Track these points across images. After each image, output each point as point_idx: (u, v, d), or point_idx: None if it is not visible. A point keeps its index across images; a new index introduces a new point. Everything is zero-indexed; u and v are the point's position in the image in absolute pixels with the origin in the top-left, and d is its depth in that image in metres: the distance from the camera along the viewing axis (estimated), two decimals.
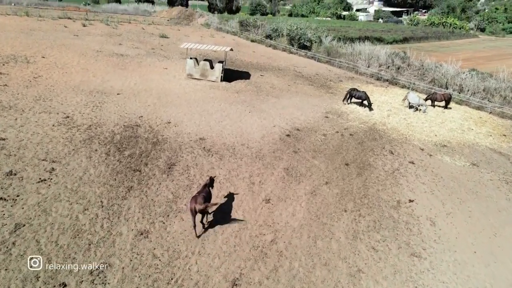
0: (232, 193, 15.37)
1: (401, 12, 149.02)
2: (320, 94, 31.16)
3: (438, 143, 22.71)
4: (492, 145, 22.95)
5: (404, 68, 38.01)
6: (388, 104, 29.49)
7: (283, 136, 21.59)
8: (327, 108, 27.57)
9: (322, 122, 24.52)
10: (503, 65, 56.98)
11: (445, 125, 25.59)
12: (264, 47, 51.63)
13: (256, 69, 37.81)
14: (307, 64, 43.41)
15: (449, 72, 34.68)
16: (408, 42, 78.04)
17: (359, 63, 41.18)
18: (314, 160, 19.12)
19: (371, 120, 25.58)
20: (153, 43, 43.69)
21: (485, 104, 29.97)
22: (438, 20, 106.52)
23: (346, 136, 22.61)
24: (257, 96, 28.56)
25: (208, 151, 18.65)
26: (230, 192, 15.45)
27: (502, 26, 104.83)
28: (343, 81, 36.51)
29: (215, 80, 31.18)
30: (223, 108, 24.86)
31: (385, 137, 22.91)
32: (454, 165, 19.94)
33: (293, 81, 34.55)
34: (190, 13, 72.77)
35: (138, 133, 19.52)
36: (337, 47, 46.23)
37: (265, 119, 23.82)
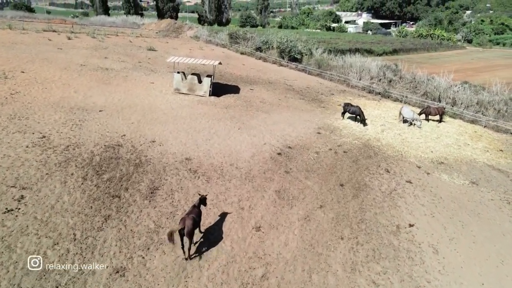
0: (219, 221, 14.20)
1: (389, 24, 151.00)
2: (311, 108, 30.30)
3: (435, 160, 21.89)
4: (490, 162, 22.21)
5: (396, 81, 37.52)
6: (382, 118, 28.73)
7: (274, 154, 20.54)
8: (319, 123, 26.67)
9: (314, 139, 23.56)
10: (492, 76, 57.31)
11: (440, 140, 24.85)
12: (254, 60, 50.94)
13: (246, 82, 36.92)
14: (297, 77, 42.72)
15: (441, 85, 34.23)
16: (397, 53, 78.39)
17: (351, 76, 40.62)
18: (307, 181, 18.07)
19: (365, 136, 24.72)
20: (140, 57, 42.62)
21: (479, 118, 29.42)
22: (426, 32, 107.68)
23: (340, 153, 21.65)
24: (247, 112, 27.56)
25: (194, 173, 17.48)
26: (217, 218, 14.27)
27: (489, 37, 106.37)
28: (334, 95, 35.80)
29: (203, 95, 30.15)
30: (211, 125, 23.76)
31: (380, 154, 22.01)
32: (453, 184, 19.07)
33: (284, 95, 33.70)
34: (179, 26, 72.08)
35: (119, 153, 18.28)
36: (328, 60, 45.74)
37: (255, 136, 22.78)
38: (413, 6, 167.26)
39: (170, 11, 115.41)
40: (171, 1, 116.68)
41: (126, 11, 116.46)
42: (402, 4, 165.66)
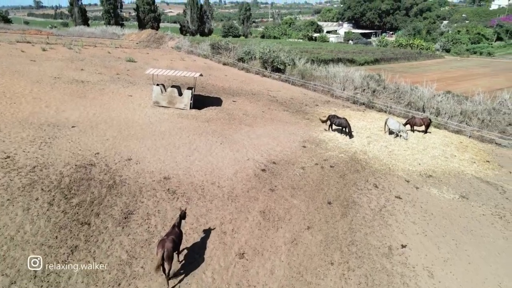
0: (199, 247, 13.05)
1: (370, 34, 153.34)
2: (296, 120, 29.55)
3: (423, 173, 21.32)
4: (478, 173, 21.79)
5: (379, 91, 37.29)
6: (367, 130, 28.19)
7: (258, 171, 19.56)
8: (304, 136, 25.89)
9: (299, 153, 22.72)
10: (472, 85, 58.10)
11: (427, 152, 24.38)
12: (236, 71, 50.17)
13: (228, 94, 36.00)
14: (281, 87, 42.09)
15: (425, 95, 34.13)
16: (379, 63, 79.08)
17: (334, 86, 40.24)
18: (293, 199, 17.12)
19: (351, 149, 24.03)
20: (119, 68, 41.24)
21: (464, 128, 29.25)
22: (406, 41, 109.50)
23: (327, 168, 20.84)
24: (229, 125, 26.57)
25: (173, 194, 16.31)
26: (198, 245, 13.13)
27: (466, 47, 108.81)
28: (319, 106, 35.23)
29: (184, 108, 29.05)
30: (192, 140, 22.65)
31: (367, 168, 21.31)
32: (443, 199, 18.45)
33: (267, 106, 32.89)
34: (160, 36, 70.93)
35: (91, 174, 16.96)
36: (311, 70, 45.37)
37: (238, 152, 21.77)
38: (392, 17, 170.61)
39: (151, 21, 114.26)
40: (152, 12, 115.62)
41: (106, 22, 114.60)
42: (382, 14, 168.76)
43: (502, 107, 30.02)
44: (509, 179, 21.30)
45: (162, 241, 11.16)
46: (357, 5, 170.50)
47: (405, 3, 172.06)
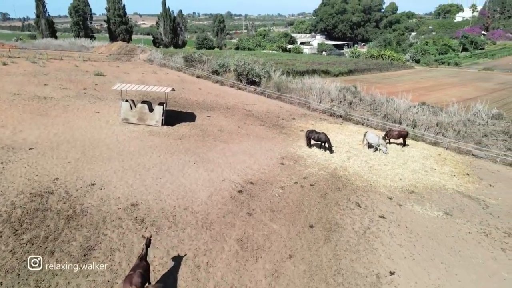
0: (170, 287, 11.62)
1: (342, 45, 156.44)
2: (273, 135, 28.57)
3: (405, 188, 20.68)
4: (459, 188, 21.38)
5: (356, 103, 37.02)
6: (346, 144, 27.54)
7: (234, 193, 18.30)
8: (282, 152, 24.90)
9: (278, 171, 21.64)
10: (443, 95, 59.46)
11: (407, 166, 23.89)
12: (211, 84, 48.97)
13: (202, 108, 34.70)
14: (256, 100, 41.18)
15: (400, 107, 34.07)
16: (353, 74, 79.93)
17: (311, 99, 39.71)
18: (273, 223, 15.94)
19: (331, 165, 23.19)
20: (86, 83, 39.19)
21: (441, 140, 29.15)
22: (377, 52, 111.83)
23: (307, 187, 19.83)
24: (203, 142, 25.24)
25: (141, 223, 14.80)
26: (168, 283, 11.68)
27: (434, 57, 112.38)
28: (296, 119, 34.47)
29: (155, 124, 27.52)
30: (163, 160, 21.16)
31: (348, 186, 20.46)
32: (427, 217, 17.77)
33: (243, 121, 31.79)
34: (132, 48, 68.95)
35: (48, 203, 15.21)
36: (286, 82, 44.79)
37: (213, 172, 20.46)
38: (363, 28, 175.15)
39: (123, 33, 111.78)
40: (124, 24, 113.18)
41: (75, 34, 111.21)
42: (353, 26, 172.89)
43: (477, 118, 30.22)
44: (490, 193, 20.99)
45: (129, 277, 9.95)
46: (329, 17, 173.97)
47: (375, 15, 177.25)
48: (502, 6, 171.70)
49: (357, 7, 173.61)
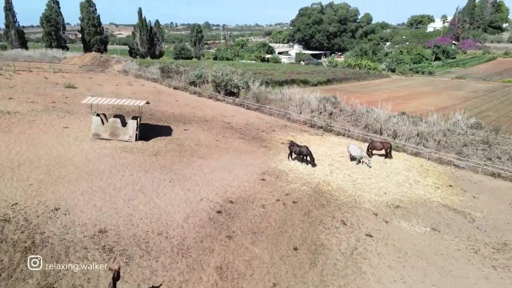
0: None
1: (320, 55, 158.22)
2: (253, 149, 27.59)
3: (390, 203, 20.05)
4: (444, 200, 20.94)
5: (336, 113, 36.65)
6: (328, 156, 26.86)
7: (213, 213, 17.14)
8: (263, 167, 23.92)
9: (259, 188, 20.62)
10: (420, 104, 60.31)
11: (391, 179, 23.35)
12: (188, 95, 47.70)
13: (179, 121, 33.41)
14: (235, 112, 40.20)
15: (381, 117, 33.86)
16: (331, 83, 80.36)
17: (291, 110, 39.11)
18: (255, 247, 14.86)
19: (313, 180, 22.36)
20: (55, 96, 37.24)
21: (422, 150, 28.95)
22: (354, 62, 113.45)
23: (289, 205, 18.88)
24: (180, 158, 23.98)
25: (109, 252, 13.43)
26: None
27: (409, 66, 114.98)
28: (276, 131, 33.65)
29: (129, 139, 26.06)
30: (136, 179, 19.79)
31: (333, 202, 19.64)
32: (414, 233, 17.11)
33: (222, 134, 30.70)
34: (106, 59, 66.92)
35: (3, 234, 13.64)
36: (266, 93, 44.09)
37: (190, 190, 19.25)
38: (340, 38, 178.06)
39: (97, 43, 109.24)
40: (99, 34, 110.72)
41: (47, 44, 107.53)
42: (330, 36, 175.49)
43: (456, 127, 30.28)
44: (475, 205, 20.64)
45: None
46: (306, 27, 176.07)
47: (350, 25, 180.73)
48: (471, 17, 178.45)
49: (333, 17, 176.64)
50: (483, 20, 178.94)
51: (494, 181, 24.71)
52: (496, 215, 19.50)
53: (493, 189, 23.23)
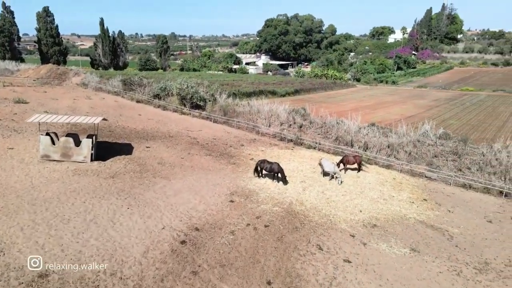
0: None
1: (287, 65, 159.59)
2: (220, 166, 25.94)
3: (366, 222, 19.02)
4: (420, 216, 20.20)
5: (306, 126, 35.78)
6: (300, 172, 25.69)
7: (176, 244, 15.32)
8: (231, 186, 22.33)
9: (227, 211, 18.99)
10: (386, 113, 61.15)
11: (365, 194, 22.45)
12: (152, 109, 45.38)
13: (142, 138, 31.24)
14: (202, 126, 38.42)
15: (351, 128, 33.30)
16: (299, 93, 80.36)
17: (259, 122, 37.88)
18: (223, 284, 13.19)
19: (286, 199, 21.02)
20: (2, 112, 33.97)
21: (393, 162, 28.49)
22: (321, 72, 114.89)
23: (261, 229, 17.37)
24: (141, 180, 21.94)
25: None
26: None
27: (373, 76, 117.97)
28: (244, 146, 32.19)
29: (83, 160, 23.70)
30: (89, 207, 17.61)
31: (307, 224, 18.34)
32: (394, 256, 16.07)
33: (187, 151, 28.84)
34: (63, 71, 63.15)
35: None
36: (233, 105, 42.66)
37: (151, 218, 17.32)
38: (306, 49, 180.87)
39: (56, 55, 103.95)
40: (57, 44, 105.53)
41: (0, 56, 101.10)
42: (296, 47, 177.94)
43: (426, 138, 30.14)
44: (451, 220, 20.03)
45: None
46: (272, 38, 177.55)
47: (316, 36, 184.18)
48: (428, 28, 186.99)
49: (298, 28, 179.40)
50: (439, 32, 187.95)
51: (466, 193, 24.45)
52: (473, 231, 18.93)
53: (466, 202, 22.86)
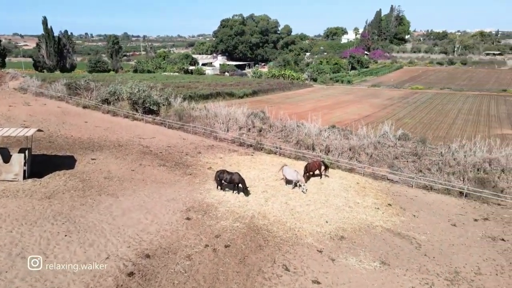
0: None
1: (244, 66, 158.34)
2: (176, 178, 23.85)
3: (333, 234, 17.92)
4: (386, 224, 19.48)
5: (266, 129, 34.44)
6: (261, 181, 24.23)
7: (122, 277, 13.22)
8: (188, 201, 20.40)
9: (183, 231, 17.08)
10: (344, 113, 61.66)
11: (330, 203, 21.43)
12: (100, 115, 41.94)
13: (87, 149, 28.31)
14: (156, 132, 35.88)
15: (311, 131, 32.41)
16: (257, 95, 79.25)
17: (217, 127, 36.03)
18: None
19: (247, 212, 19.45)
20: None
21: (355, 165, 27.90)
22: (278, 72, 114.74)
23: (221, 251, 15.66)
24: (83, 199, 19.40)
25: None
26: None
27: (329, 76, 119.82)
28: (202, 153, 30.21)
29: (14, 178, 20.69)
30: (16, 238, 14.98)
31: (271, 240, 16.88)
32: (364, 272, 15.03)
33: (139, 161, 26.42)
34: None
35: None
36: (189, 110, 40.36)
37: (93, 246, 15.03)
38: (263, 49, 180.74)
39: None
40: None
41: None
42: (253, 47, 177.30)
43: (386, 140, 29.90)
44: (417, 226, 19.48)
45: None
46: (229, 38, 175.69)
47: (272, 37, 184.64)
48: (379, 29, 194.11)
49: (254, 29, 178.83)
50: (389, 33, 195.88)
51: (428, 195, 24.26)
52: (440, 236, 18.45)
53: (429, 205, 22.57)
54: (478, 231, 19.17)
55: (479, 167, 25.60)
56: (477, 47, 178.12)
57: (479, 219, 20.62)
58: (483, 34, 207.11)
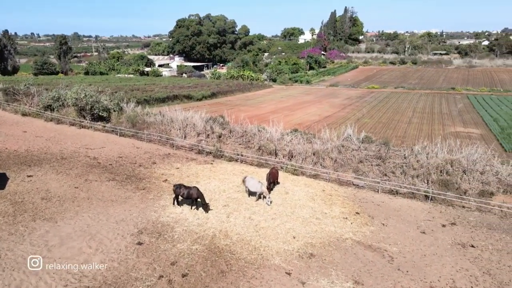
0: None
1: (202, 67, 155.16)
2: (127, 195, 21.41)
3: (302, 251, 16.52)
4: (356, 235, 18.41)
5: (226, 135, 32.60)
6: (222, 193, 22.40)
7: None
8: (140, 222, 18.15)
9: (133, 259, 14.89)
10: (305, 114, 61.16)
11: (296, 215, 20.05)
12: (42, 123, 38.03)
13: (23, 163, 25.01)
14: (106, 141, 32.84)
15: (273, 136, 31.02)
16: (216, 97, 77.15)
17: (174, 134, 33.67)
18: None
19: (207, 232, 17.57)
20: None
21: (320, 171, 26.86)
22: (237, 73, 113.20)
23: (177, 282, 13.70)
24: (13, 226, 16.58)
25: None
26: None
27: (288, 76, 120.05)
28: (157, 163, 27.83)
29: None
30: None
31: (235, 264, 15.15)
32: None
33: (84, 176, 23.63)
34: None
35: None
36: (143, 115, 37.57)
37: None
38: (220, 50, 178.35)
39: None
40: None
41: None
42: (210, 48, 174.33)
43: (350, 143, 29.16)
44: (387, 236, 18.57)
45: None
46: (185, 39, 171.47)
47: (229, 37, 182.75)
48: (334, 30, 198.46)
49: (212, 29, 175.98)
50: (344, 33, 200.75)
51: (395, 200, 23.64)
52: (411, 246, 17.64)
53: (396, 211, 21.88)
54: (448, 238, 18.62)
55: (442, 169, 25.44)
56: (425, 47, 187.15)
57: (447, 224, 20.15)
58: (430, 35, 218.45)
